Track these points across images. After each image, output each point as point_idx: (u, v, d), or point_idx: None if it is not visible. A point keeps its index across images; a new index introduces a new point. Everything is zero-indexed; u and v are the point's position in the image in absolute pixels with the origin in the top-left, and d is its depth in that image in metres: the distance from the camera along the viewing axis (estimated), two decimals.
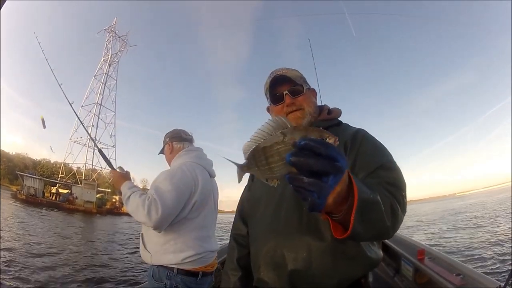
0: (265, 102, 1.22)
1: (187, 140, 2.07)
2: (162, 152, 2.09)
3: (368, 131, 1.06)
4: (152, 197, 1.61)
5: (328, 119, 1.16)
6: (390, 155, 0.98)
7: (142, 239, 1.80)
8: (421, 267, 2.22)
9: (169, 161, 2.02)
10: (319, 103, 1.25)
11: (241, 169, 0.65)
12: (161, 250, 1.71)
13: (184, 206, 1.72)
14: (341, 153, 0.51)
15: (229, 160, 0.69)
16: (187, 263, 1.70)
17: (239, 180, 0.69)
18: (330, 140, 0.52)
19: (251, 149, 0.60)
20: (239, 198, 1.35)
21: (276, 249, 0.97)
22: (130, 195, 1.69)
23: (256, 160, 0.59)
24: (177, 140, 2.05)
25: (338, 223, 0.69)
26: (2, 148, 50.57)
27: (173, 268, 1.68)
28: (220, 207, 2.10)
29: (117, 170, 1.94)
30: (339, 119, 1.19)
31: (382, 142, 1.03)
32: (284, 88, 1.11)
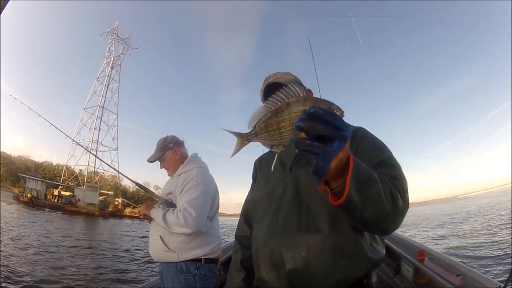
0: None
1: (184, 145, 2.22)
2: (161, 158, 2.15)
3: (370, 131, 1.07)
4: (183, 208, 1.82)
5: None
6: (390, 152, 0.98)
7: (163, 241, 1.88)
8: (421, 268, 2.22)
9: (174, 165, 2.11)
10: None
11: (246, 137, 0.71)
12: (188, 247, 1.87)
13: (211, 206, 1.96)
14: (346, 125, 0.56)
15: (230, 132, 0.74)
16: (212, 252, 1.94)
17: (236, 151, 0.74)
18: (337, 112, 0.59)
19: (264, 113, 0.67)
20: (241, 201, 1.39)
21: (275, 248, 0.99)
22: (164, 214, 1.85)
23: (267, 126, 0.65)
24: (181, 145, 2.18)
25: (335, 197, 0.71)
26: (3, 150, 50.68)
27: (201, 259, 1.89)
28: (222, 210, 2.20)
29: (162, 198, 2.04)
30: None
31: (382, 140, 1.03)
32: None
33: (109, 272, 7.52)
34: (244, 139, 0.71)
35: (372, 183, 0.73)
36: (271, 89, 1.13)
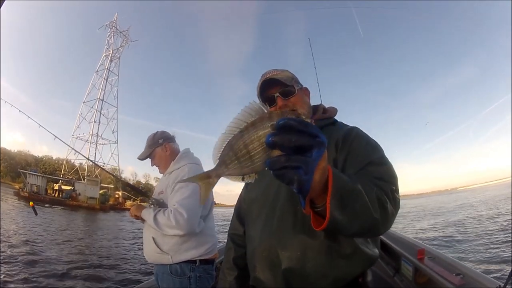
0: None
1: (175, 140, 2.15)
2: (151, 155, 2.09)
3: (371, 124, 1.04)
4: (174, 208, 1.76)
5: (323, 118, 1.16)
6: (382, 151, 0.97)
7: (155, 243, 1.83)
8: (421, 267, 2.21)
9: (165, 162, 2.06)
10: (318, 100, 1.24)
11: (216, 173, 0.61)
12: (182, 248, 1.82)
13: (204, 206, 1.90)
14: (320, 130, 0.51)
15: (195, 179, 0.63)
16: (208, 253, 1.89)
17: (206, 197, 0.64)
18: (307, 120, 0.52)
19: (227, 141, 0.58)
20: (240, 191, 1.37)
21: (271, 249, 0.98)
22: (155, 215, 1.80)
23: (236, 152, 0.56)
24: (171, 141, 2.11)
25: (320, 217, 0.67)
26: (3, 146, 50.72)
27: (196, 260, 1.84)
28: (222, 201, 2.18)
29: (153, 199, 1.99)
30: (337, 117, 1.19)
31: (375, 139, 1.03)
32: (275, 91, 1.10)
33: (107, 269, 7.56)
34: (212, 177, 0.61)
35: (356, 195, 0.69)
36: (267, 85, 1.12)
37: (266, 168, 0.52)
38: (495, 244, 8.95)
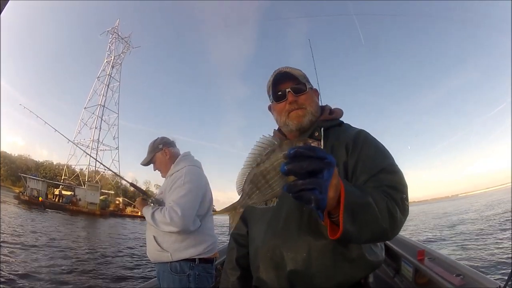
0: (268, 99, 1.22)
1: (175, 145, 2.24)
2: (152, 160, 2.18)
3: (373, 127, 1.05)
4: (170, 206, 1.83)
5: (330, 119, 1.16)
6: (392, 158, 0.99)
7: (156, 241, 1.89)
8: (421, 268, 2.21)
9: (165, 166, 2.14)
10: (319, 102, 1.25)
11: (241, 205, 0.71)
12: (182, 246, 1.87)
13: (201, 204, 1.95)
14: (327, 152, 0.58)
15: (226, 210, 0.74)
16: (207, 252, 1.93)
17: (234, 224, 0.74)
18: (314, 144, 0.60)
19: (247, 174, 0.68)
20: None
21: (275, 249, 0.98)
22: (153, 213, 1.87)
23: (255, 183, 0.65)
24: (171, 145, 2.20)
25: (335, 226, 0.73)
26: (4, 150, 50.78)
27: (195, 259, 1.89)
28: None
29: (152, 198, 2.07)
30: (341, 119, 1.19)
31: (383, 144, 1.03)
32: (287, 86, 1.11)
33: (108, 272, 7.54)
34: (238, 208, 0.71)
35: (367, 208, 0.75)
36: (280, 78, 1.12)
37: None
38: (495, 245, 8.92)
